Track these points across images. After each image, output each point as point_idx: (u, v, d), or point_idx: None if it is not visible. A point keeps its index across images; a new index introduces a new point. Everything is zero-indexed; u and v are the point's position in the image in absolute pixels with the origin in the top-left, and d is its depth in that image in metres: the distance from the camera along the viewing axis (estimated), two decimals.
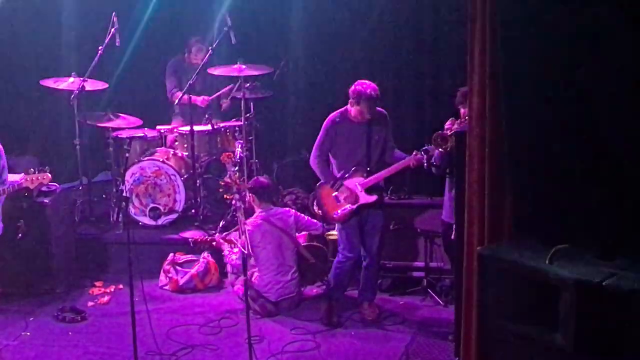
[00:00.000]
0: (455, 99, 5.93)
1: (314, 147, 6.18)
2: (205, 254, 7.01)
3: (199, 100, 8.03)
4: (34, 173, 5.88)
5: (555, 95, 4.27)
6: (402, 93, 8.10)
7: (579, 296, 3.78)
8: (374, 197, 6.02)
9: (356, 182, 6.01)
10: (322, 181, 6.14)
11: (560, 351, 3.86)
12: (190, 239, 6.78)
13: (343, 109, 6.08)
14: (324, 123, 6.14)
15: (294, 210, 6.68)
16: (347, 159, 6.05)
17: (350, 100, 5.97)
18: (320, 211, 6.19)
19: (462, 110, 5.74)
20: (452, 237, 5.62)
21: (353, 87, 5.96)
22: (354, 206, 6.02)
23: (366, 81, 5.99)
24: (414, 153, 5.93)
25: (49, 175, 5.91)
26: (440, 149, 5.64)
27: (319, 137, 6.15)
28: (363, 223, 6.13)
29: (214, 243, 6.64)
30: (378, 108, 6.07)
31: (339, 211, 6.04)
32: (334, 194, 6.05)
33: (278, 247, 6.39)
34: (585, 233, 4.16)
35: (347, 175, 6.04)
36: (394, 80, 8.12)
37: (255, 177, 6.81)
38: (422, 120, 7.88)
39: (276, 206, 6.70)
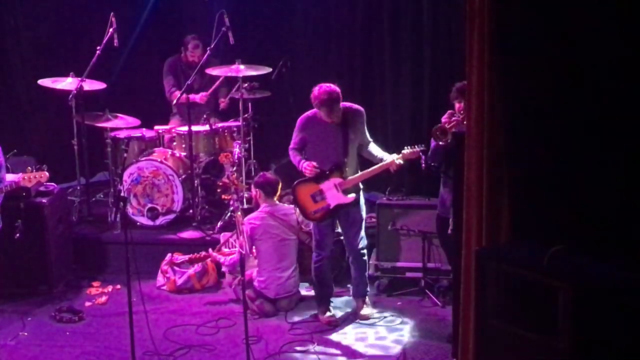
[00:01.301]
0: (450, 94, 5.95)
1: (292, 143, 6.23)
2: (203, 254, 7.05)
3: (198, 97, 8.02)
4: (32, 172, 5.90)
5: (555, 96, 4.28)
6: (400, 92, 8.10)
7: (577, 297, 3.78)
8: (351, 198, 6.04)
9: (334, 183, 6.02)
10: (299, 180, 6.16)
11: (558, 352, 3.87)
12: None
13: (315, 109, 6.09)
14: (298, 120, 6.16)
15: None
16: (324, 158, 6.04)
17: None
18: (297, 209, 6.26)
19: (457, 105, 5.78)
20: (449, 231, 5.63)
21: (312, 92, 5.94)
22: (331, 206, 6.04)
23: (324, 85, 5.93)
24: (393, 156, 5.96)
25: (47, 173, 5.94)
26: (440, 142, 5.66)
27: (294, 132, 6.19)
28: (342, 221, 6.18)
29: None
30: (354, 105, 6.10)
31: (315, 210, 6.06)
32: (311, 194, 6.07)
33: (280, 242, 6.40)
34: (584, 234, 4.17)
35: (325, 174, 6.05)
36: (392, 79, 8.13)
37: (262, 173, 6.83)
38: (421, 119, 7.90)
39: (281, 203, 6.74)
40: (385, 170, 6.08)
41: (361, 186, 6.18)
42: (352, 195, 6.05)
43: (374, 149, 6.18)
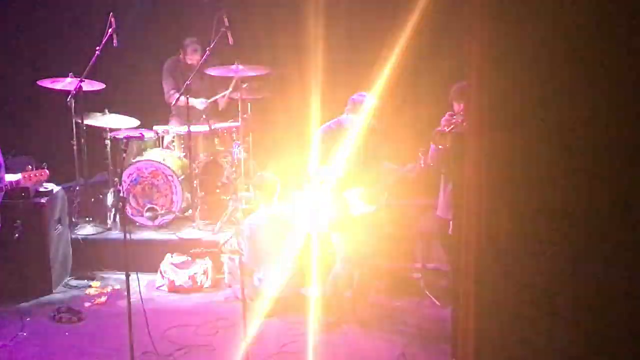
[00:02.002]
0: (449, 95, 5.95)
1: (311, 159, 6.21)
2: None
3: (197, 102, 8.03)
4: (32, 170, 5.90)
5: (554, 96, 4.27)
6: (400, 92, 8.09)
7: (577, 297, 3.78)
8: (373, 208, 6.04)
9: (357, 192, 6.03)
10: (322, 191, 6.17)
11: (558, 352, 3.87)
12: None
13: (337, 118, 6.10)
14: (317, 132, 6.17)
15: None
16: (345, 169, 6.06)
17: (347, 109, 6.00)
18: (320, 219, 6.24)
19: (455, 106, 5.79)
20: (450, 232, 5.64)
21: (352, 97, 5.97)
22: (354, 216, 6.04)
23: (365, 93, 6.03)
24: (408, 166, 5.96)
25: (47, 171, 5.94)
26: (440, 146, 5.66)
27: (314, 148, 6.19)
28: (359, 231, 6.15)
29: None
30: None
31: (338, 220, 6.06)
32: (335, 204, 6.06)
33: (280, 242, 6.42)
34: (583, 234, 4.16)
35: (348, 184, 6.05)
36: (391, 80, 8.11)
37: (259, 174, 6.84)
38: (420, 119, 7.88)
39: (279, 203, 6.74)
40: (405, 178, 6.09)
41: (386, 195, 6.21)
42: (374, 205, 6.06)
43: (389, 164, 6.22)
